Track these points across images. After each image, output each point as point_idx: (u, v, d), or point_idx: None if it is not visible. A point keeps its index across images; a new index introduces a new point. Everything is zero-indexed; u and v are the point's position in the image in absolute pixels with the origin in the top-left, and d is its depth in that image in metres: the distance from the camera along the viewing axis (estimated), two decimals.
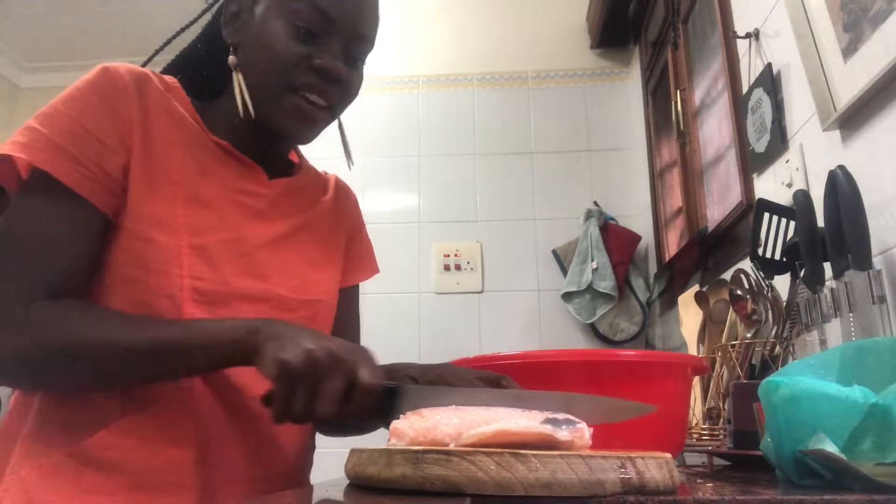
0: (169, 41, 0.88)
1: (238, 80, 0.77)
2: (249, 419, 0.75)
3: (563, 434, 0.51)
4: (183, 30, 0.87)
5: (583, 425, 0.53)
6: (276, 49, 0.75)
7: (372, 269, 1.00)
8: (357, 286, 0.97)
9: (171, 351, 0.66)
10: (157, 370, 0.68)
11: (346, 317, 0.94)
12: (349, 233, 0.95)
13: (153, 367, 0.67)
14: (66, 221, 0.68)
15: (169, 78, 0.80)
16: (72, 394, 0.71)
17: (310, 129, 0.80)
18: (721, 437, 1.02)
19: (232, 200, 0.78)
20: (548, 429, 0.51)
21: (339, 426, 0.92)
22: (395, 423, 0.55)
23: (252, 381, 0.73)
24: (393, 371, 0.78)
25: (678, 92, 2.10)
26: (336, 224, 0.92)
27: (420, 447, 0.48)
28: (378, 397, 0.62)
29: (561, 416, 0.54)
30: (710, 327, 1.28)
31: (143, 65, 0.82)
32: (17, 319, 0.65)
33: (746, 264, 1.14)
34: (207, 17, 0.87)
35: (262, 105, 0.78)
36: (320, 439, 0.91)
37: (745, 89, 1.49)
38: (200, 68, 0.86)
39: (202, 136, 0.78)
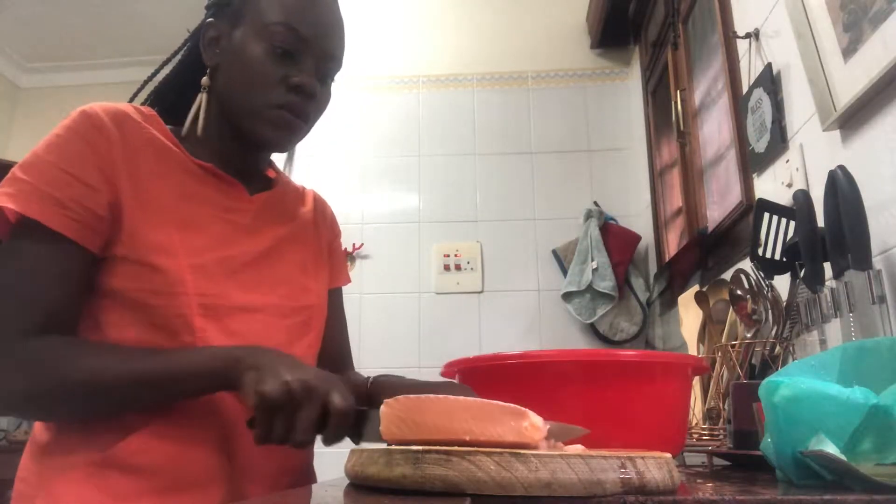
0: (155, 73, 0.93)
1: (201, 99, 0.85)
2: None
3: None
4: (167, 61, 0.93)
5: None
6: (258, 69, 0.82)
7: (346, 276, 1.07)
8: (340, 289, 1.05)
9: (157, 382, 0.70)
10: (143, 400, 0.72)
11: (336, 318, 1.02)
12: (329, 242, 1.02)
13: (139, 398, 0.72)
14: (55, 263, 0.73)
15: (146, 109, 0.85)
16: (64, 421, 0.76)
17: (291, 139, 0.87)
18: (721, 437, 1.02)
19: (219, 219, 0.83)
20: None
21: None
22: None
23: None
24: (382, 388, 0.87)
25: (678, 92, 2.10)
26: (318, 234, 0.99)
27: (420, 447, 0.48)
28: (351, 421, 0.66)
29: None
30: (710, 327, 1.28)
31: (132, 98, 0.89)
32: (11, 356, 0.69)
33: (746, 264, 1.14)
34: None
35: (245, 120, 0.83)
36: None
37: (745, 89, 1.49)
38: (181, 93, 0.91)
39: (185, 161, 0.83)
